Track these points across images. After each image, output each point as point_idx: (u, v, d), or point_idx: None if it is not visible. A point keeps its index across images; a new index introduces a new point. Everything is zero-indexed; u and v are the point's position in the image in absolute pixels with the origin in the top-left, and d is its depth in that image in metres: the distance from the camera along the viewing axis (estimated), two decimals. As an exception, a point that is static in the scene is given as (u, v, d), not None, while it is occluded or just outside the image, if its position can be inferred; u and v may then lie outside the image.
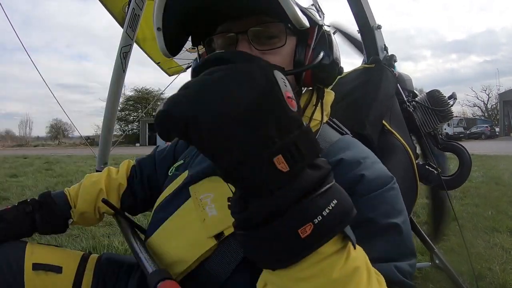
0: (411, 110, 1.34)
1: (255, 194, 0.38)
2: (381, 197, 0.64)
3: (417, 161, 1.24)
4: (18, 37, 2.14)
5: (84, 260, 0.94)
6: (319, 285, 0.39)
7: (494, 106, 46.48)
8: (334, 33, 0.84)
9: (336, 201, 0.39)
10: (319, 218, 0.37)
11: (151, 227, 0.85)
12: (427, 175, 1.40)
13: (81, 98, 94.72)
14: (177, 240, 0.75)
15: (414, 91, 1.47)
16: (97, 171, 1.61)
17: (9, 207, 0.94)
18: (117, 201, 1.05)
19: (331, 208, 0.38)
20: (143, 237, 0.90)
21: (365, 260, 0.44)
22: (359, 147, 0.77)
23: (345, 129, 0.89)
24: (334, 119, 0.91)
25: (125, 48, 1.50)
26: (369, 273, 0.42)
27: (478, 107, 49.77)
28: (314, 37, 0.78)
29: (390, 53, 1.42)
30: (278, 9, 0.61)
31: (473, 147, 14.47)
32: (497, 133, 32.72)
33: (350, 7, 1.41)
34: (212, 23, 0.77)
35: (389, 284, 0.46)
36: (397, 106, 1.29)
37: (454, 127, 28.77)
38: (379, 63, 1.30)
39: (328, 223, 0.38)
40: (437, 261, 1.58)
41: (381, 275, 0.46)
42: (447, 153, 1.54)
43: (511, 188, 5.13)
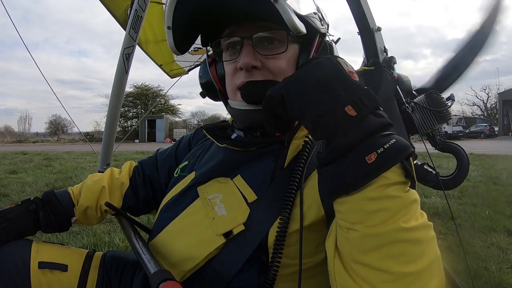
0: (409, 111, 1.35)
1: (335, 136, 0.52)
2: None
3: (415, 162, 1.26)
4: (19, 33, 2.14)
5: (89, 258, 0.95)
6: (387, 206, 0.50)
7: (494, 105, 46.43)
8: (336, 42, 0.87)
9: (394, 140, 0.50)
10: (381, 149, 0.49)
11: (157, 226, 0.86)
12: (425, 175, 1.42)
13: (80, 94, 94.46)
14: (185, 238, 0.77)
15: (413, 90, 1.48)
16: (99, 171, 1.62)
17: (12, 205, 0.94)
18: (119, 199, 1.06)
19: (390, 144, 0.50)
20: (146, 236, 0.92)
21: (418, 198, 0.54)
22: None
23: None
24: None
25: (127, 50, 1.50)
26: (420, 209, 0.54)
27: (477, 106, 49.77)
28: (315, 46, 0.81)
29: (390, 53, 1.43)
30: (280, 16, 0.64)
31: (471, 146, 14.49)
32: (496, 133, 32.72)
33: (350, 9, 1.42)
34: (219, 25, 0.82)
35: None
36: (396, 107, 1.29)
37: (453, 126, 28.74)
38: (379, 65, 1.31)
39: (388, 154, 0.49)
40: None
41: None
42: (445, 153, 1.55)
43: (509, 188, 5.15)
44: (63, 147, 21.65)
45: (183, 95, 79.59)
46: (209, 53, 0.93)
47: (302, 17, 0.72)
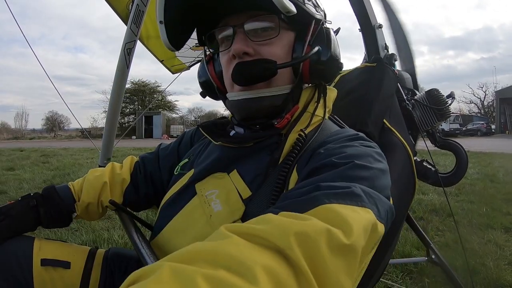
0: (410, 108, 1.36)
1: None
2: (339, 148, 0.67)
3: (415, 158, 1.27)
4: (21, 29, 2.12)
5: (91, 255, 0.95)
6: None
7: (491, 103, 46.57)
8: (336, 31, 0.86)
9: None
10: None
11: (158, 224, 0.86)
12: (424, 172, 1.43)
13: (77, 90, 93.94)
14: (185, 236, 0.77)
15: (415, 89, 1.48)
16: (100, 166, 1.61)
17: (12, 201, 0.92)
18: (120, 195, 1.05)
19: None
20: (147, 233, 0.92)
21: None
22: (347, 132, 0.78)
23: (346, 126, 0.91)
24: (336, 116, 0.92)
25: (129, 44, 1.50)
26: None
27: (474, 104, 49.93)
28: (310, 33, 0.80)
29: (389, 50, 1.44)
30: (268, 2, 0.64)
31: (468, 144, 14.54)
32: (493, 130, 32.83)
33: (351, 5, 1.42)
34: (212, 19, 0.81)
35: None
36: (396, 104, 1.30)
37: (450, 123, 28.78)
38: (380, 62, 1.32)
39: None
40: (433, 256, 1.60)
41: None
42: (443, 151, 1.56)
43: (505, 186, 5.18)
44: (60, 143, 21.58)
45: (180, 91, 79.44)
46: (206, 52, 0.92)
47: (293, 1, 0.71)
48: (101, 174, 1.04)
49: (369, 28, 1.41)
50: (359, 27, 1.46)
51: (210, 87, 0.90)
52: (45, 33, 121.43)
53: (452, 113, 1.60)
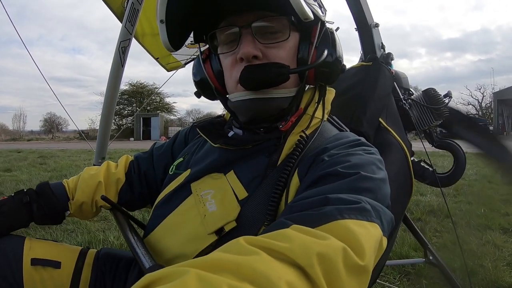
0: (407, 108, 1.35)
1: None
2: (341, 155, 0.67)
3: (412, 158, 1.26)
4: (17, 31, 2.11)
5: (82, 255, 0.94)
6: None
7: (489, 104, 46.74)
8: (336, 30, 0.84)
9: None
10: None
11: (151, 223, 0.85)
12: (422, 172, 1.42)
13: (75, 92, 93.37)
14: (178, 236, 0.76)
15: (410, 88, 1.48)
16: (94, 165, 1.60)
17: (5, 197, 0.91)
18: (115, 195, 1.04)
19: None
20: (141, 232, 0.91)
21: None
22: (348, 137, 0.77)
23: (345, 127, 0.90)
24: (334, 117, 0.91)
25: (123, 43, 1.49)
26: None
27: (472, 105, 50.03)
28: (317, 35, 0.78)
29: (386, 50, 1.43)
30: (281, 2, 0.62)
31: (467, 145, 14.56)
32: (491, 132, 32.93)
33: (348, 5, 1.42)
34: (214, 18, 0.78)
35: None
36: (393, 104, 1.29)
37: (448, 125, 28.86)
38: (376, 61, 1.31)
39: None
40: (431, 257, 1.59)
41: None
42: (440, 151, 1.56)
43: (503, 187, 5.18)
44: (58, 145, 21.54)
45: (178, 93, 79.20)
46: (202, 49, 0.88)
47: (307, 3, 0.69)
48: (96, 173, 1.03)
49: (366, 27, 1.40)
50: (355, 26, 1.45)
51: (206, 86, 0.86)
52: (43, 34, 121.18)
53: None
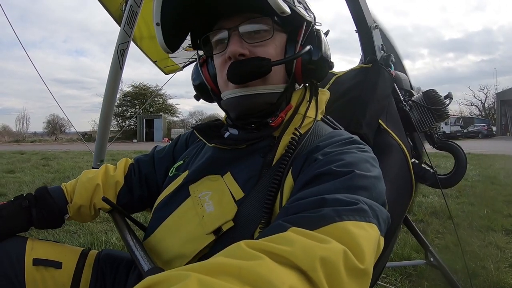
0: (407, 109, 1.35)
1: None
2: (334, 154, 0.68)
3: (412, 160, 1.25)
4: (15, 33, 2.12)
5: (83, 256, 0.95)
6: None
7: (492, 105, 46.55)
8: (326, 33, 0.89)
9: None
10: None
11: (151, 225, 0.86)
12: (422, 174, 1.42)
13: (78, 94, 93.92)
14: (177, 237, 0.77)
15: (411, 90, 1.47)
16: (93, 168, 1.61)
17: (4, 202, 0.93)
18: (113, 198, 1.04)
19: None
20: (141, 234, 0.91)
21: None
22: (341, 135, 0.78)
23: (339, 126, 0.90)
24: (329, 117, 0.92)
25: (122, 45, 1.50)
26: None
27: (475, 106, 49.88)
28: (302, 34, 0.82)
29: (387, 52, 1.43)
30: (263, 4, 0.66)
31: (470, 146, 14.54)
32: (494, 132, 32.77)
33: (348, 6, 1.41)
34: (207, 22, 0.83)
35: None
36: (393, 106, 1.29)
37: (451, 125, 28.79)
38: (376, 63, 1.31)
39: None
40: (432, 259, 1.59)
41: None
42: (443, 152, 1.55)
43: (506, 188, 5.17)
44: (61, 146, 21.63)
45: (181, 95, 79.38)
46: (200, 54, 0.94)
47: (286, 2, 0.73)
48: (94, 176, 1.04)
49: (366, 29, 1.40)
50: (355, 28, 1.45)
51: (204, 89, 0.91)
52: (46, 36, 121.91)
53: (453, 115, 1.59)
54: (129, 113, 38.45)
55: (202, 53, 0.92)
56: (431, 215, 3.61)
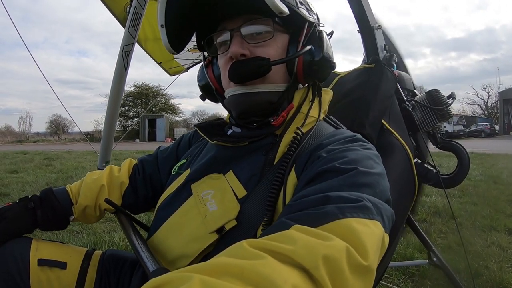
0: (410, 109, 1.35)
1: None
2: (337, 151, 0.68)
3: (415, 160, 1.25)
4: (19, 33, 2.13)
5: (88, 256, 0.95)
6: None
7: (494, 104, 46.38)
8: (329, 34, 0.89)
9: None
10: None
11: (154, 224, 0.87)
12: (425, 174, 1.42)
13: (80, 94, 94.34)
14: (180, 236, 0.77)
15: (414, 89, 1.47)
16: (98, 169, 1.61)
17: (10, 203, 0.93)
18: (118, 198, 1.05)
19: None
20: (145, 234, 0.92)
21: None
22: (344, 134, 0.79)
23: (342, 125, 0.91)
24: (331, 116, 0.93)
25: (127, 47, 1.50)
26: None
27: (478, 105, 49.70)
28: (304, 34, 0.83)
29: (389, 52, 1.43)
30: (263, 5, 0.67)
31: (472, 145, 14.50)
32: (497, 132, 32.66)
33: (350, 7, 1.41)
34: (210, 24, 0.85)
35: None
36: (396, 106, 1.29)
37: (454, 125, 28.68)
38: (379, 63, 1.31)
39: None
40: (435, 259, 1.59)
41: None
42: (445, 151, 1.55)
43: (509, 187, 5.14)
44: (63, 146, 21.69)
45: (184, 95, 79.64)
46: (205, 56, 0.95)
47: (286, 3, 0.74)
48: (99, 177, 1.05)
49: (368, 29, 1.40)
50: (358, 29, 1.45)
51: (209, 90, 0.93)
52: (48, 37, 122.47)
53: (456, 114, 1.60)
54: (131, 113, 38.52)
55: (207, 54, 0.94)
56: (433, 214, 3.60)
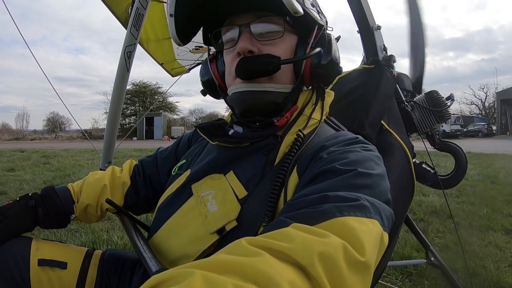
0: (409, 110, 1.36)
1: None
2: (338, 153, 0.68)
3: (414, 160, 1.26)
4: (20, 31, 2.12)
5: (88, 256, 0.95)
6: None
7: (492, 104, 46.46)
8: (336, 39, 0.88)
9: None
10: None
11: (154, 224, 0.87)
12: (423, 174, 1.43)
13: (78, 92, 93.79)
14: (180, 237, 0.77)
15: (413, 90, 1.48)
16: (101, 169, 1.61)
17: (10, 201, 0.92)
18: (121, 198, 1.05)
19: None
20: (146, 234, 0.92)
21: None
22: (346, 136, 0.79)
23: (343, 127, 0.91)
24: (332, 118, 0.93)
25: (129, 48, 1.50)
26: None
27: (475, 105, 49.76)
28: (313, 36, 0.82)
29: (388, 51, 1.44)
30: (276, 2, 0.67)
31: (469, 145, 14.54)
32: (494, 132, 32.72)
33: (350, 7, 1.42)
34: (219, 18, 0.84)
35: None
36: (395, 106, 1.30)
37: (451, 124, 28.68)
38: (378, 64, 1.32)
39: None
40: (432, 258, 1.60)
41: None
42: (443, 152, 1.56)
43: (506, 187, 5.17)
44: (61, 144, 21.61)
45: (181, 93, 79.67)
46: (210, 51, 0.94)
47: (300, 3, 0.73)
48: (101, 176, 1.05)
49: (368, 30, 1.41)
50: (357, 29, 1.46)
51: (212, 85, 0.92)
52: (46, 34, 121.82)
53: (453, 114, 1.61)
54: (129, 111, 38.40)
55: (213, 50, 0.93)
56: (431, 214, 3.62)
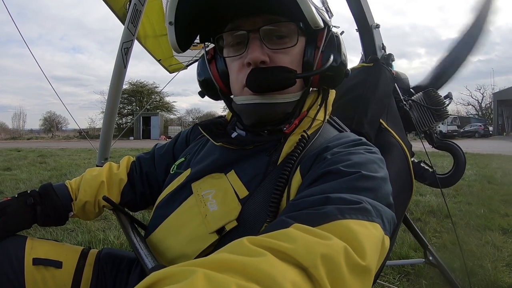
0: (407, 108, 1.36)
1: None
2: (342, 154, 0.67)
3: (412, 159, 1.26)
4: (19, 31, 2.10)
5: (84, 255, 0.94)
6: None
7: (488, 105, 46.72)
8: (341, 33, 0.85)
9: None
10: None
11: (152, 223, 0.86)
12: (422, 173, 1.43)
13: (75, 91, 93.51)
14: (180, 236, 0.76)
15: (410, 88, 1.48)
16: (97, 166, 1.60)
17: (8, 198, 0.91)
18: (117, 195, 1.04)
19: None
20: (143, 232, 0.91)
21: None
22: (350, 137, 0.77)
23: (345, 128, 0.90)
24: (335, 118, 0.92)
25: (126, 44, 1.49)
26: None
27: (472, 106, 50.02)
28: (324, 39, 0.78)
29: (386, 51, 1.43)
30: (290, 8, 0.63)
31: (466, 145, 14.59)
32: (490, 132, 32.88)
33: (349, 6, 1.42)
34: (222, 20, 0.78)
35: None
36: (394, 105, 1.30)
37: (448, 125, 28.83)
38: (377, 62, 1.31)
39: None
40: (430, 258, 1.60)
41: None
42: (440, 151, 1.56)
43: (503, 187, 5.19)
44: (57, 144, 21.52)
45: (178, 93, 79.52)
46: (207, 49, 0.88)
47: (317, 10, 0.70)
48: (98, 173, 1.04)
49: (367, 28, 1.41)
50: (356, 28, 1.45)
51: (211, 86, 0.86)
52: (42, 33, 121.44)
53: (450, 114, 1.61)
54: (126, 110, 38.32)
55: (209, 47, 0.88)
56: (428, 214, 3.62)
